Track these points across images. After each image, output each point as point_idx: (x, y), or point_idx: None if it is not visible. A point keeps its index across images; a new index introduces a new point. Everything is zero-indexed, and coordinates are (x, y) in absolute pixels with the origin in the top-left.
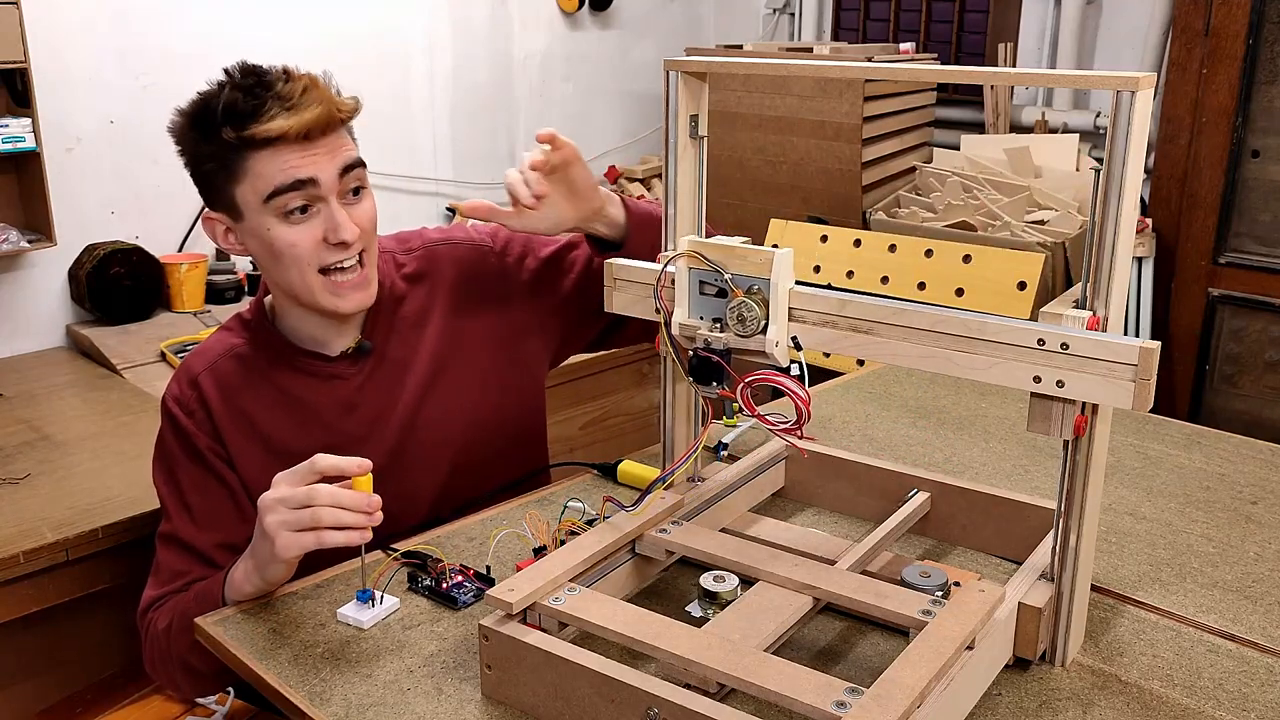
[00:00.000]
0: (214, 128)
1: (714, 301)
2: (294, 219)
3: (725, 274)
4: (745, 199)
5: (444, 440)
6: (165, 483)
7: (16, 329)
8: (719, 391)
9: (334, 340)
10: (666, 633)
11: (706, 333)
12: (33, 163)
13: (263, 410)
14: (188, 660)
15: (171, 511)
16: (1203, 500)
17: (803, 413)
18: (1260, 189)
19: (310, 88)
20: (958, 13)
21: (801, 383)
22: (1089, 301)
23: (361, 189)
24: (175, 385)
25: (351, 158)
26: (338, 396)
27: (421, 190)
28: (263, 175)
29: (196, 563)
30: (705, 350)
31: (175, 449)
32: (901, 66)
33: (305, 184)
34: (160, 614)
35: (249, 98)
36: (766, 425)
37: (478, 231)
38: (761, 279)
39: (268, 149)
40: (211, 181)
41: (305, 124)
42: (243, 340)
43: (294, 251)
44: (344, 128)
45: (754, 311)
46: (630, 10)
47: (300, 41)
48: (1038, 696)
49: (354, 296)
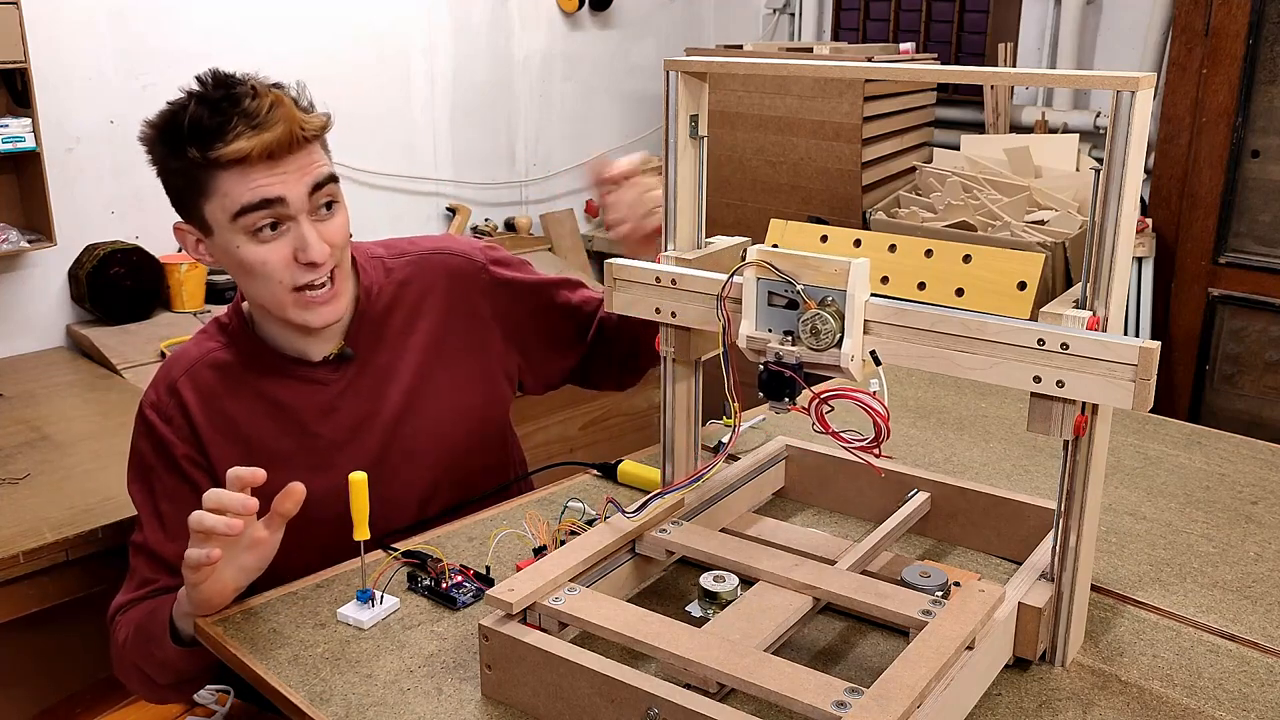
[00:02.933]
0: (180, 145)
1: (783, 313)
2: (263, 236)
3: (798, 285)
4: (745, 199)
5: (429, 445)
6: (139, 491)
7: (16, 329)
8: (790, 407)
9: (314, 347)
10: (666, 633)
11: (778, 346)
12: (33, 163)
13: (244, 414)
14: (144, 672)
15: (144, 519)
16: (1203, 500)
17: (882, 430)
18: (1260, 189)
19: (277, 104)
20: (958, 13)
21: (881, 399)
22: (1089, 301)
23: (334, 203)
24: (153, 392)
25: (322, 175)
26: (318, 400)
27: (421, 190)
28: (230, 194)
29: (164, 572)
30: (776, 364)
31: (150, 457)
32: (901, 66)
33: (273, 203)
34: (123, 623)
35: (214, 114)
36: (841, 443)
37: (471, 244)
38: (836, 290)
39: (234, 168)
40: (181, 196)
41: (268, 144)
42: (220, 344)
43: (264, 269)
44: (316, 143)
45: (829, 324)
46: (630, 10)
47: (300, 41)
48: (1038, 696)
49: (324, 312)
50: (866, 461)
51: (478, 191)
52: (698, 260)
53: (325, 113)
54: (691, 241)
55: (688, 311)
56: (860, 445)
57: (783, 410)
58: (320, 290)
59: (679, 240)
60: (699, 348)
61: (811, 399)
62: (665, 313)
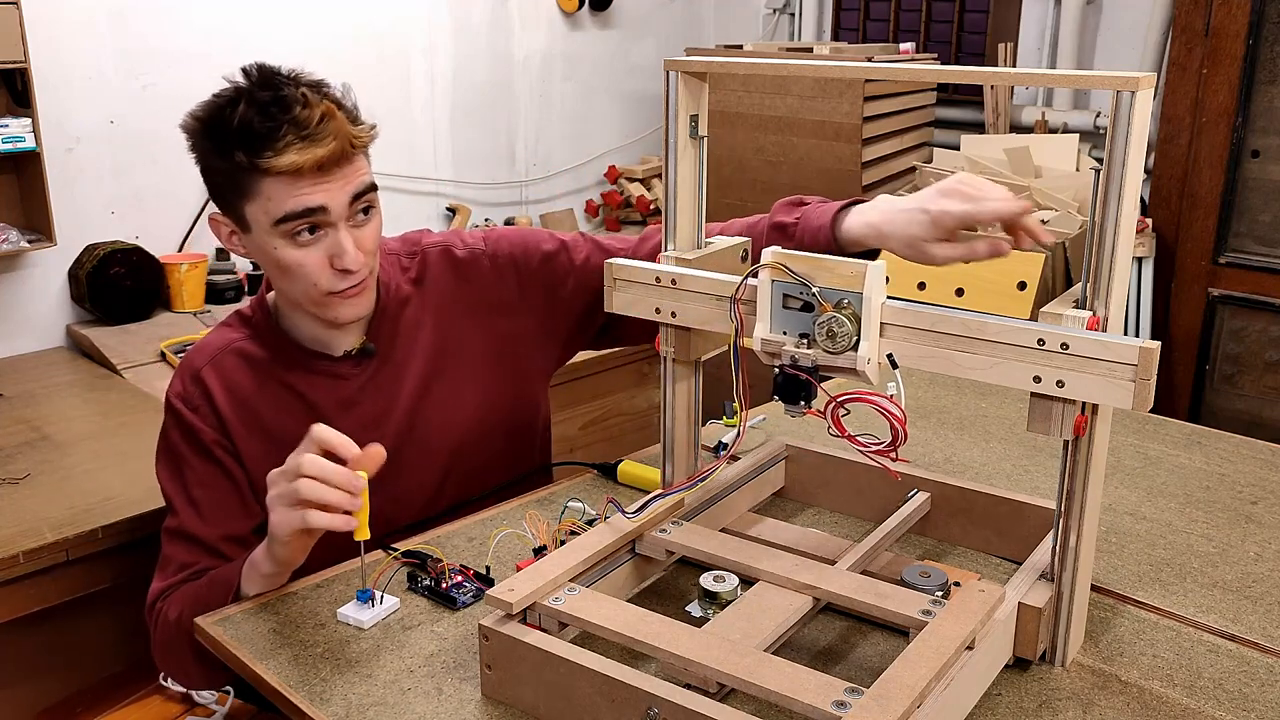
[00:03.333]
0: (227, 145)
1: (798, 316)
2: (301, 240)
3: (814, 287)
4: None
5: (439, 443)
6: (170, 479)
7: (16, 329)
8: (806, 411)
9: (337, 341)
10: (666, 633)
11: (793, 349)
12: (33, 163)
13: (266, 403)
14: (200, 645)
15: (177, 506)
16: (1203, 500)
17: (899, 434)
18: (1260, 189)
19: (328, 117)
20: (958, 13)
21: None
22: (1089, 301)
23: (371, 209)
24: (178, 382)
25: (364, 184)
26: (338, 395)
27: (421, 190)
28: (274, 199)
29: (204, 555)
30: (793, 367)
31: (180, 444)
32: (901, 66)
33: (315, 211)
34: (170, 603)
35: (264, 119)
36: (857, 446)
37: (473, 235)
38: (853, 293)
39: (282, 177)
40: (221, 192)
41: (320, 159)
42: (244, 335)
43: (300, 271)
44: (362, 152)
45: (845, 327)
46: (630, 10)
47: (300, 41)
48: (1038, 696)
49: (353, 305)
50: (883, 465)
51: (478, 191)
52: (698, 260)
53: (372, 123)
54: (691, 241)
55: (688, 311)
56: (876, 449)
57: (798, 414)
58: (351, 290)
59: (679, 240)
60: (699, 348)
61: (828, 403)
62: (665, 313)
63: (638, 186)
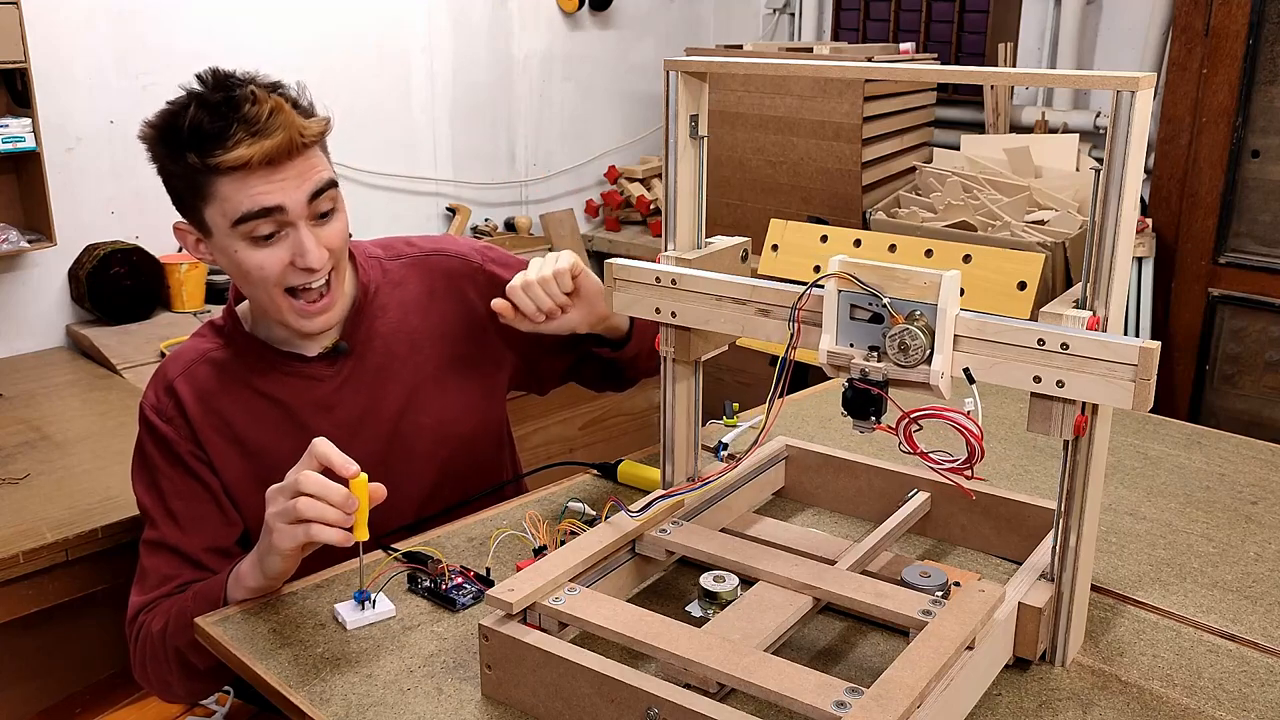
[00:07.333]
0: (181, 149)
1: (866, 327)
2: (261, 242)
3: (884, 298)
4: (745, 199)
5: (430, 447)
6: (147, 491)
7: (16, 329)
8: (876, 426)
9: (309, 343)
10: (666, 633)
11: (863, 362)
12: (33, 163)
13: (239, 413)
14: (185, 658)
15: (156, 518)
16: (1203, 500)
17: (976, 451)
18: (1260, 189)
19: (277, 111)
20: (958, 13)
21: (975, 418)
22: (1089, 301)
23: (333, 209)
24: (151, 393)
25: (321, 181)
26: (314, 397)
27: (421, 190)
28: (230, 200)
29: (186, 567)
30: (862, 381)
31: (156, 456)
32: (901, 66)
33: (272, 211)
34: (153, 616)
35: (215, 119)
36: (931, 464)
37: (469, 245)
38: (926, 304)
39: (234, 174)
40: (181, 198)
41: (268, 152)
42: (217, 345)
43: (261, 273)
44: (315, 147)
45: (919, 340)
46: (630, 10)
47: (300, 41)
48: (1038, 696)
49: (320, 319)
50: (957, 484)
51: (478, 191)
52: (698, 260)
53: (325, 116)
54: (691, 241)
55: (688, 312)
56: (950, 467)
57: (867, 430)
58: (316, 295)
59: (679, 240)
60: (699, 348)
61: (900, 418)
62: (665, 313)
63: (638, 186)
